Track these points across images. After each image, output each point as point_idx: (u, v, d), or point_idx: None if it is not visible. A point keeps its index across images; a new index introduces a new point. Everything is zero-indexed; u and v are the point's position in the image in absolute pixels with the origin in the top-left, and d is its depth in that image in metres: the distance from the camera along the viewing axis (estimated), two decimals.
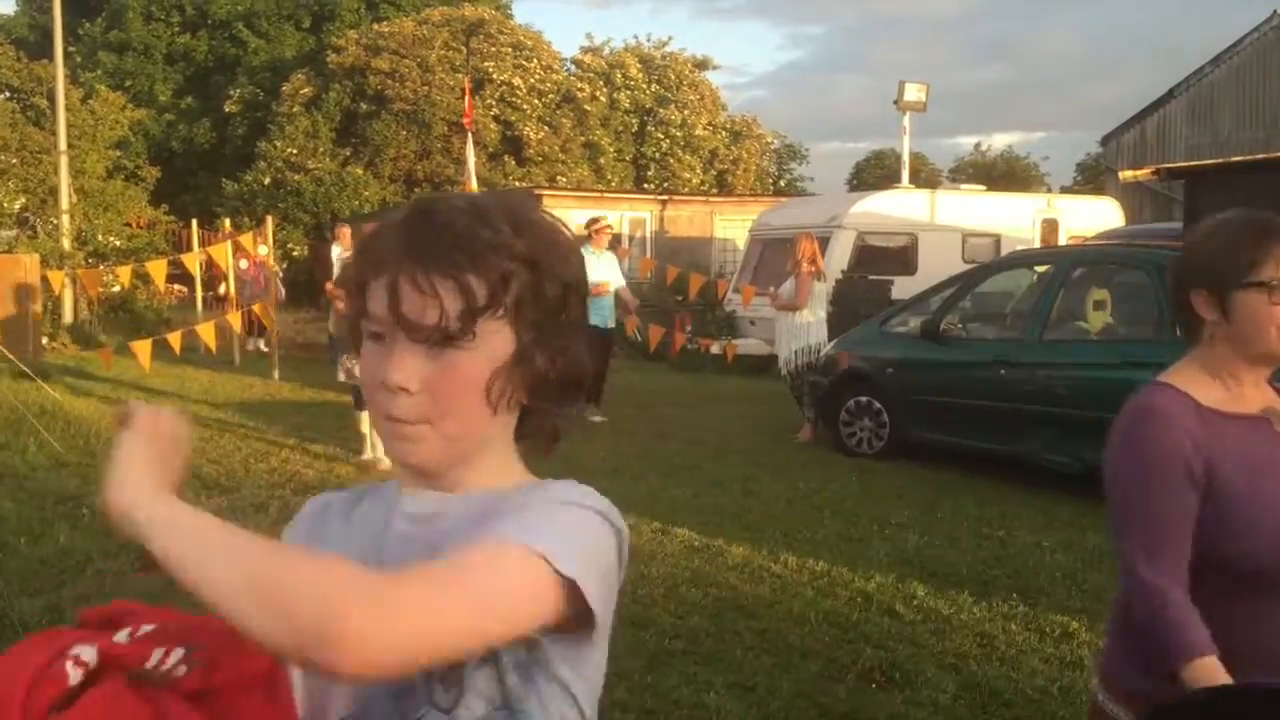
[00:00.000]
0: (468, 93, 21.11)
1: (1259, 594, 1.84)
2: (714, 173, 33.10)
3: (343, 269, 1.28)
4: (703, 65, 34.76)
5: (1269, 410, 1.93)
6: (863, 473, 8.40)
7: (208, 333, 13.20)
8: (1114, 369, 7.46)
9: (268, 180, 27.95)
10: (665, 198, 24.07)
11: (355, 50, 29.66)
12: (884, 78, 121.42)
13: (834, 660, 4.47)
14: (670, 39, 34.76)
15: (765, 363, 13.67)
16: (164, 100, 34.75)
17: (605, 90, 31.98)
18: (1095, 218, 17.99)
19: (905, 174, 19.86)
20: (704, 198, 25.95)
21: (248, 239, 16.30)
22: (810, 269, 9.99)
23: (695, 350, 15.07)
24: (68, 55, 23.81)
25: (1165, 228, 15.81)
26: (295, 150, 28.08)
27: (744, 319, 16.09)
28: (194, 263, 15.71)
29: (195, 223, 18.06)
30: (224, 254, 15.76)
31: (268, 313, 14.28)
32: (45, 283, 14.62)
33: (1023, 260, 10.04)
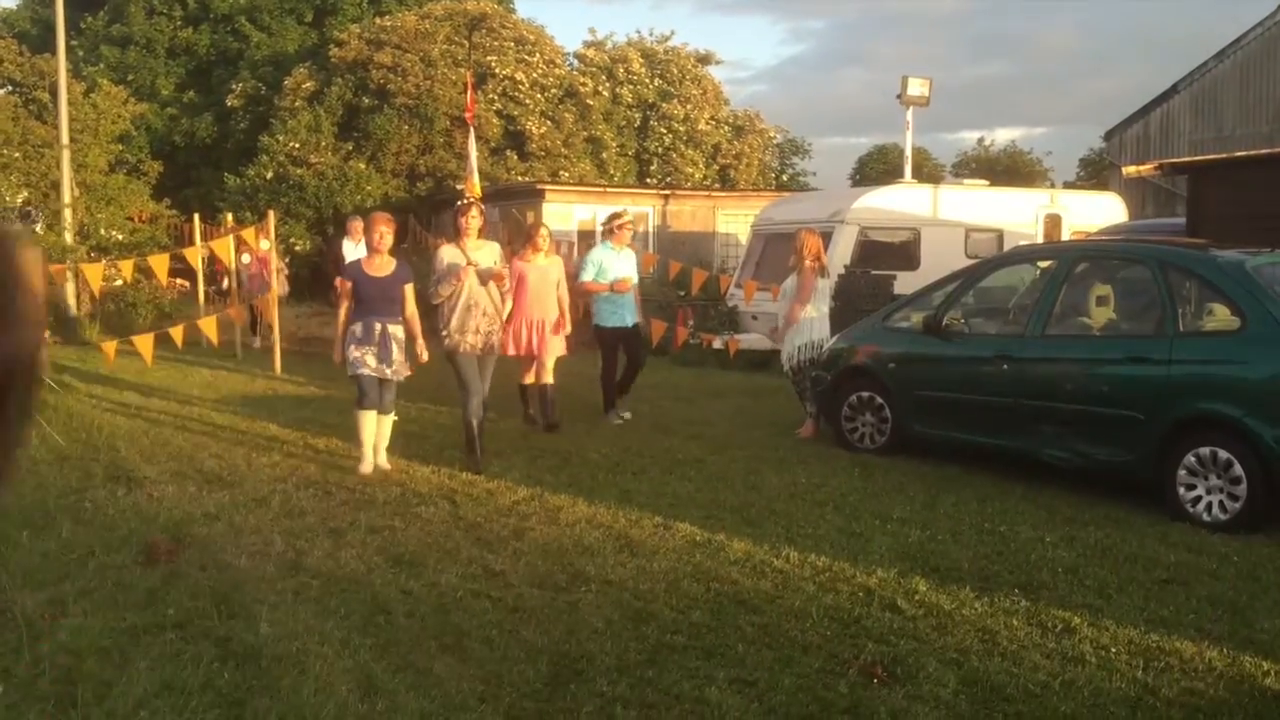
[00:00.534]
0: (470, 87, 21.06)
1: None
2: (716, 167, 33.05)
3: None
4: (705, 60, 34.70)
5: None
6: (865, 468, 8.40)
7: (210, 327, 13.22)
8: (1117, 364, 7.46)
9: (270, 174, 27.91)
10: (668, 192, 24.06)
11: (357, 44, 29.62)
12: (887, 72, 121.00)
13: (835, 655, 4.47)
14: (673, 33, 34.49)
15: (767, 358, 13.67)
16: (166, 94, 34.73)
17: (608, 85, 31.93)
18: (1098, 213, 17.98)
19: (908, 169, 19.83)
20: (706, 192, 25.93)
21: (250, 233, 16.29)
22: (813, 264, 9.98)
23: (697, 345, 15.08)
24: (70, 49, 23.79)
25: (1169, 223, 15.80)
26: (297, 144, 28.03)
27: (746, 314, 16.09)
28: (196, 257, 15.71)
29: (197, 217, 18.05)
30: (226, 248, 15.76)
31: (269, 307, 14.28)
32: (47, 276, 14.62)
33: (1025, 255, 10.02)
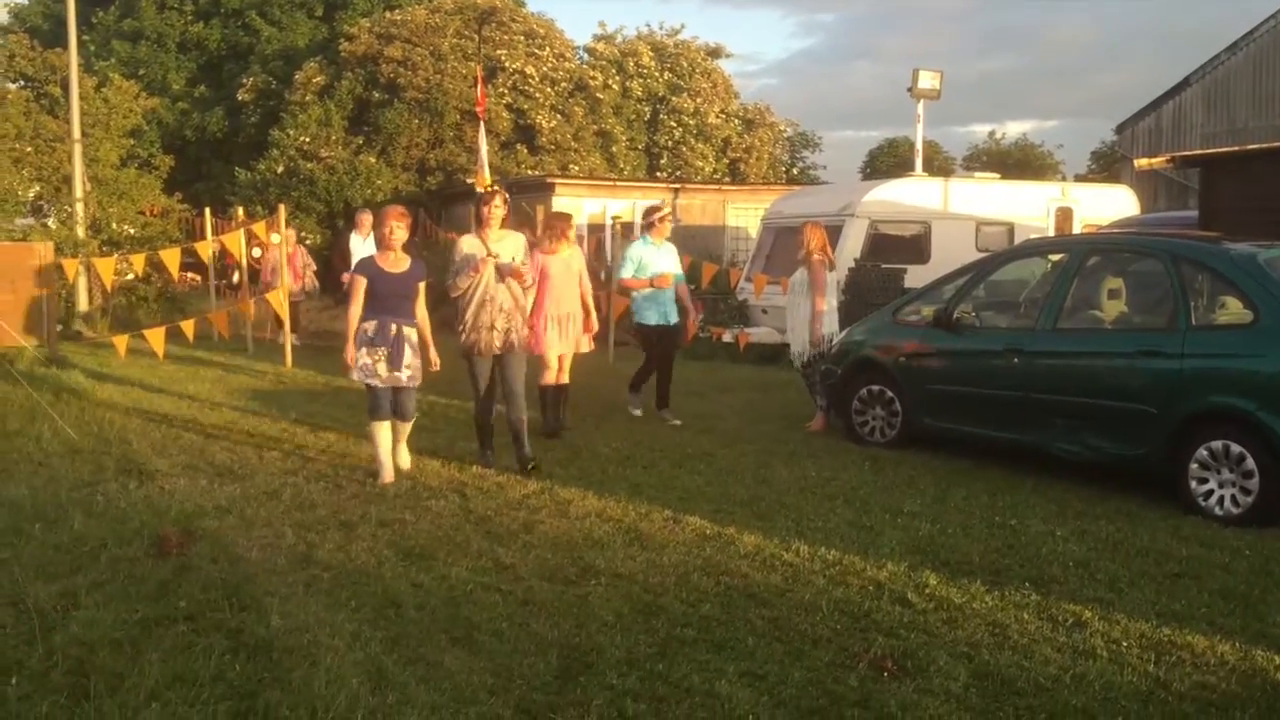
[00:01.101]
0: (480, 81, 21.07)
1: None
2: (726, 161, 33.00)
3: None
4: (715, 53, 34.64)
5: None
6: (875, 461, 8.39)
7: (221, 321, 13.25)
8: (1128, 358, 7.43)
9: (280, 169, 27.95)
10: (678, 186, 24.04)
11: (368, 38, 29.63)
12: (897, 65, 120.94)
13: (845, 649, 4.47)
14: (682, 27, 34.69)
15: (777, 351, 13.65)
16: (177, 89, 34.81)
17: (618, 78, 31.90)
18: (1110, 206, 17.91)
19: (919, 162, 19.77)
20: (716, 186, 25.90)
21: (260, 227, 16.32)
22: (821, 257, 9.96)
23: (707, 339, 15.06)
24: (81, 44, 23.86)
25: (1180, 216, 15.74)
26: (308, 138, 28.06)
27: (756, 307, 16.07)
28: (207, 251, 15.75)
29: (208, 211, 18.09)
30: (237, 243, 15.79)
31: (280, 301, 14.30)
32: (59, 270, 14.68)
33: (1037, 249, 9.98)
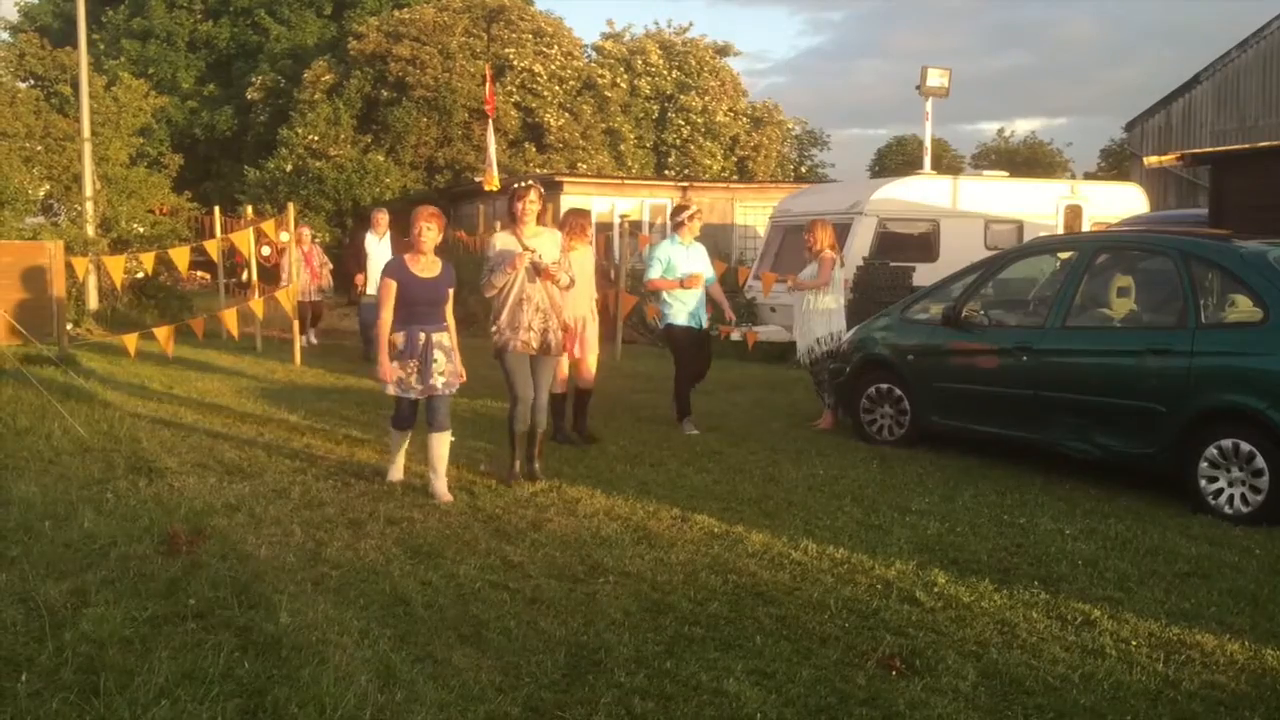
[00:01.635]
0: (489, 79, 21.09)
1: None
2: (735, 159, 33.01)
3: None
4: (723, 51, 34.64)
5: None
6: (883, 460, 8.38)
7: (230, 319, 13.28)
8: (1137, 356, 7.41)
9: (289, 167, 28.03)
10: (686, 184, 24.06)
11: (376, 37, 29.68)
12: (905, 63, 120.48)
13: (853, 647, 4.47)
14: (690, 25, 34.64)
15: (785, 350, 13.64)
16: (187, 87, 34.90)
17: (626, 77, 31.91)
18: (1119, 204, 17.87)
19: (927, 160, 19.76)
20: (725, 184, 25.91)
21: (269, 226, 16.36)
22: (833, 255, 9.95)
23: (715, 337, 15.04)
24: (91, 43, 23.92)
25: (1190, 214, 15.70)
26: (317, 137, 28.14)
27: (764, 306, 16.05)
28: (216, 250, 15.79)
29: (218, 210, 18.14)
30: (246, 241, 15.82)
31: (289, 299, 14.33)
32: (69, 269, 14.73)
33: (1046, 247, 9.95)
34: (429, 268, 6.85)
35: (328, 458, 8.04)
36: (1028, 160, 44.57)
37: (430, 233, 6.80)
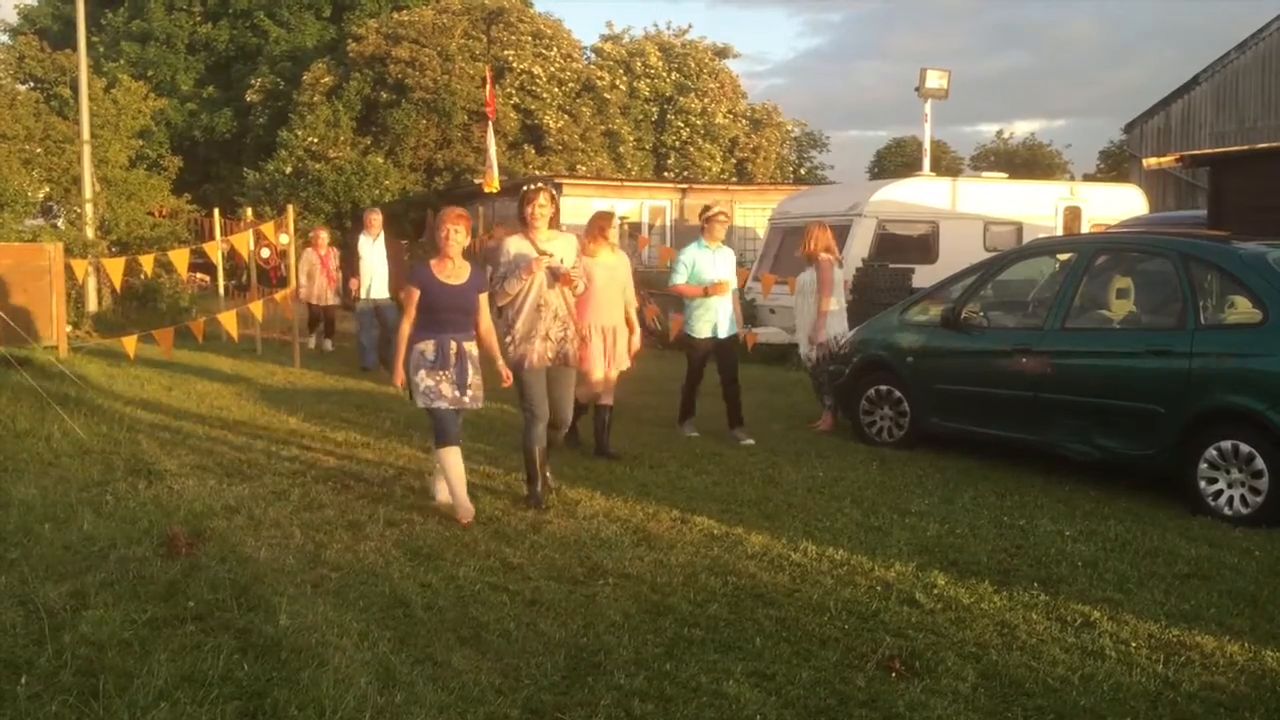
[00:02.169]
0: (489, 81, 21.09)
1: None
2: (734, 161, 33.04)
3: None
4: (722, 53, 34.67)
5: None
6: (883, 461, 8.38)
7: (230, 321, 13.28)
8: (1137, 358, 7.41)
9: (289, 169, 28.05)
10: (685, 186, 24.07)
11: (375, 39, 29.71)
12: (904, 65, 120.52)
13: (853, 649, 4.46)
14: (690, 27, 34.71)
15: (785, 351, 13.64)
16: (186, 90, 34.93)
17: (625, 79, 31.93)
18: (1118, 205, 17.88)
19: (926, 162, 19.77)
20: (724, 186, 25.93)
21: (269, 228, 16.36)
22: (830, 257, 9.95)
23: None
24: (90, 45, 23.93)
25: (1189, 215, 15.70)
26: (316, 139, 28.16)
27: (764, 307, 16.06)
28: (216, 251, 15.79)
29: (217, 212, 18.14)
30: (245, 243, 15.82)
31: (288, 303, 14.34)
32: (69, 271, 14.73)
33: (1045, 248, 9.96)
34: (457, 273, 6.39)
35: (327, 460, 8.04)
36: (1027, 162, 44.63)
37: (458, 236, 6.35)
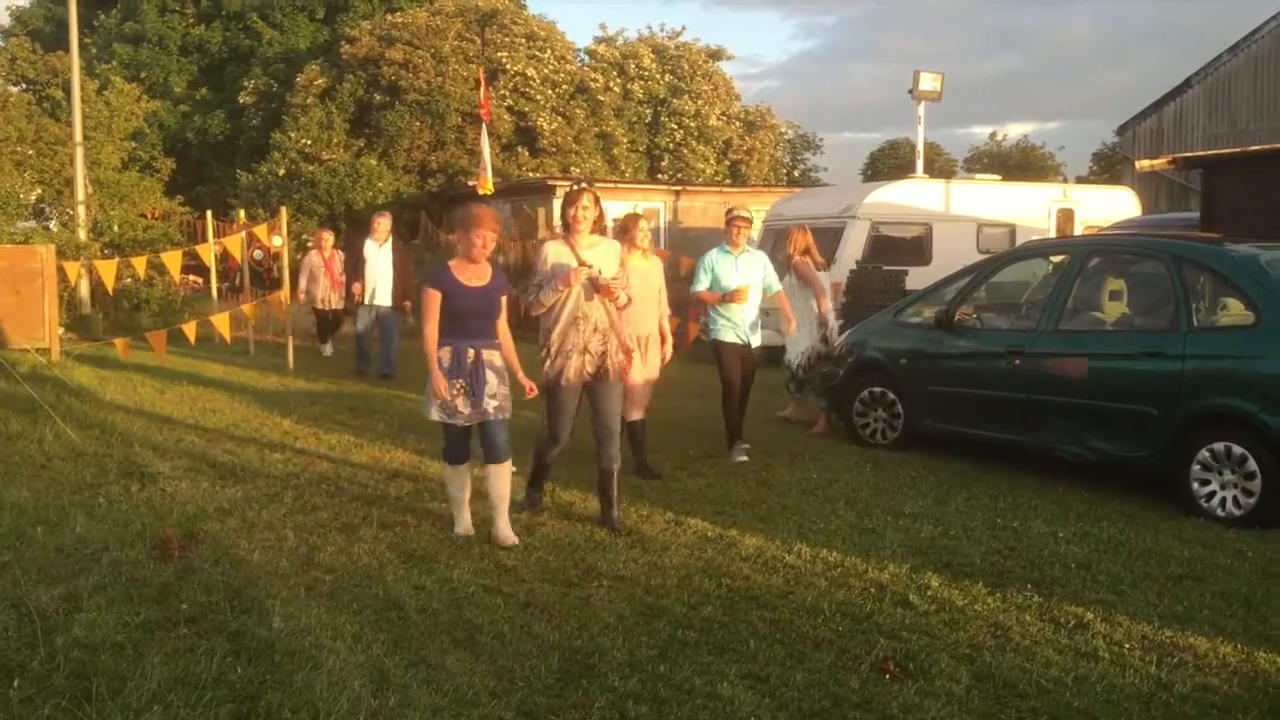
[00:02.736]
0: (483, 83, 21.07)
1: None
2: (727, 163, 33.03)
3: None
4: (716, 55, 34.67)
5: None
6: (876, 463, 8.39)
7: (223, 323, 13.26)
8: (1130, 359, 7.43)
9: (282, 171, 27.99)
10: (679, 188, 24.04)
11: (369, 41, 29.66)
12: (898, 67, 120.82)
13: (847, 651, 4.47)
14: (683, 29, 34.74)
15: (778, 354, 13.64)
16: (179, 91, 34.88)
17: (619, 81, 31.92)
18: (1111, 207, 17.90)
19: (920, 164, 19.78)
20: (718, 188, 25.90)
21: (262, 230, 16.34)
22: (802, 259, 10.00)
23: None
24: (83, 47, 23.88)
25: (1182, 217, 15.73)
26: (309, 141, 28.10)
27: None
28: (209, 253, 15.76)
29: (210, 214, 18.11)
30: (238, 245, 15.80)
31: (280, 304, 14.31)
32: (61, 273, 14.70)
33: (1038, 250, 9.98)
34: (479, 276, 6.03)
35: (320, 463, 8.03)
36: (1020, 164, 44.68)
37: (491, 242, 6.01)
